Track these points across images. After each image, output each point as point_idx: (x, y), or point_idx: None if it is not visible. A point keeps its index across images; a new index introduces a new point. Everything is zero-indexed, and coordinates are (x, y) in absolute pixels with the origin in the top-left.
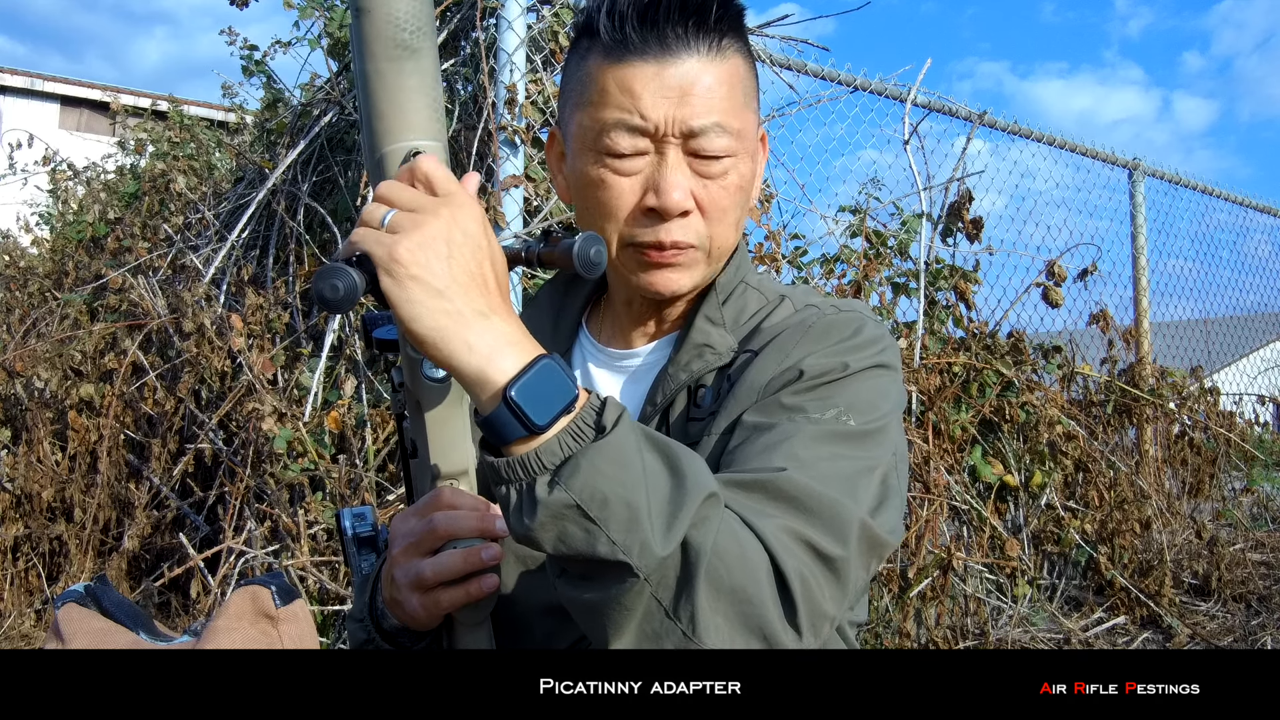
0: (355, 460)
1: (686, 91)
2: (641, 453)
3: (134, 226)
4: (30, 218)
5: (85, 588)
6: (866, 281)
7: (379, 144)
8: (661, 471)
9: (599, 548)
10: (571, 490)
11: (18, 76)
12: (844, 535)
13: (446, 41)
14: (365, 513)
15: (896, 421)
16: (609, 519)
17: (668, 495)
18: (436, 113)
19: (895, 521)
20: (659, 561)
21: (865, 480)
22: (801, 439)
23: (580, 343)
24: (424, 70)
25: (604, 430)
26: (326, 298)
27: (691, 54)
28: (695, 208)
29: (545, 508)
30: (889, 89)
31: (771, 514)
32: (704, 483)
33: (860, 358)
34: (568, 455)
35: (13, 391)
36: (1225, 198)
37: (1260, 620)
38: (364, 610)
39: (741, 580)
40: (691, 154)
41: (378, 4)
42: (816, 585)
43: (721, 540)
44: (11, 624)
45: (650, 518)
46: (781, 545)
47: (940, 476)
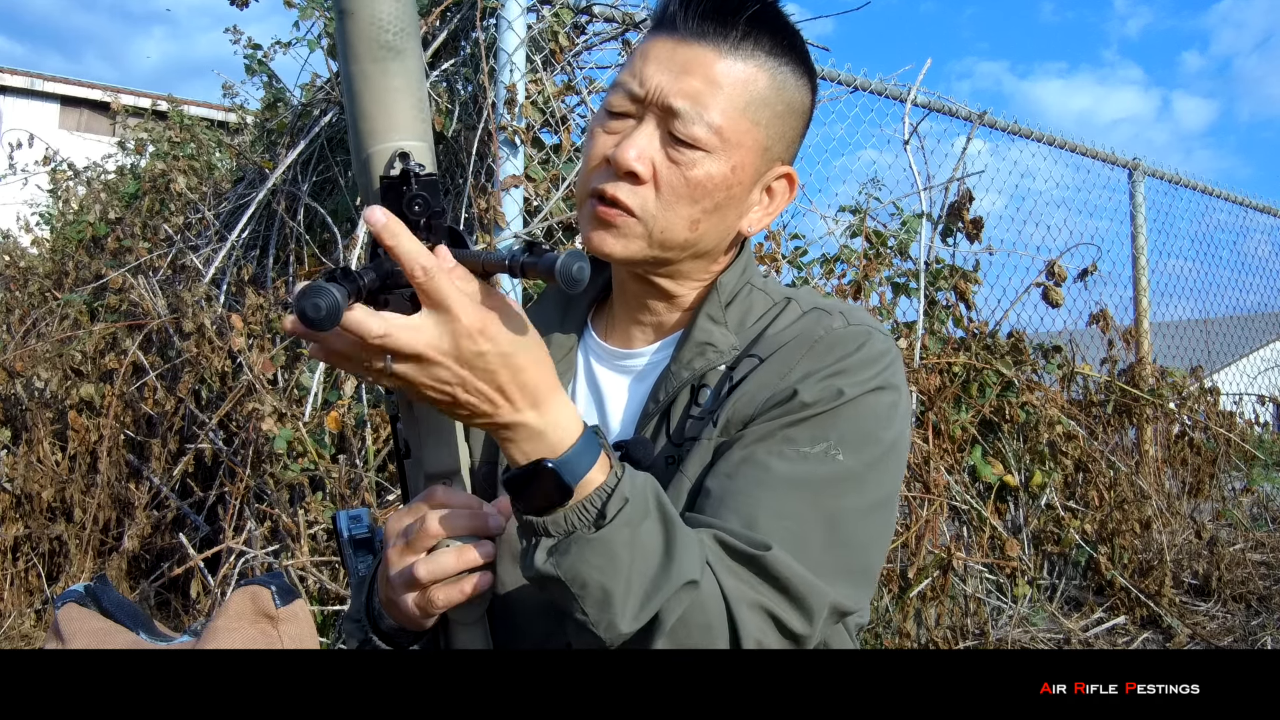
0: (355, 460)
1: (686, 71)
2: (633, 541)
3: (134, 226)
4: (30, 218)
5: (85, 588)
6: (866, 281)
7: (365, 144)
8: (656, 552)
9: (574, 613)
10: (560, 568)
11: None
12: (812, 616)
13: (446, 41)
14: (361, 514)
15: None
16: (585, 598)
17: (652, 577)
18: (422, 113)
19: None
20: (622, 635)
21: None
22: (789, 485)
23: (586, 341)
24: (408, 71)
25: (604, 519)
26: (309, 316)
27: (707, 43)
28: (650, 179)
29: (539, 571)
30: (889, 89)
31: (751, 585)
32: (687, 570)
33: (859, 380)
34: (570, 530)
35: (13, 391)
36: (1225, 198)
37: (1260, 620)
38: (361, 611)
39: (699, 644)
40: (668, 132)
41: (361, 6)
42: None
43: (690, 612)
44: (11, 624)
45: (626, 600)
46: (747, 615)
47: (940, 476)
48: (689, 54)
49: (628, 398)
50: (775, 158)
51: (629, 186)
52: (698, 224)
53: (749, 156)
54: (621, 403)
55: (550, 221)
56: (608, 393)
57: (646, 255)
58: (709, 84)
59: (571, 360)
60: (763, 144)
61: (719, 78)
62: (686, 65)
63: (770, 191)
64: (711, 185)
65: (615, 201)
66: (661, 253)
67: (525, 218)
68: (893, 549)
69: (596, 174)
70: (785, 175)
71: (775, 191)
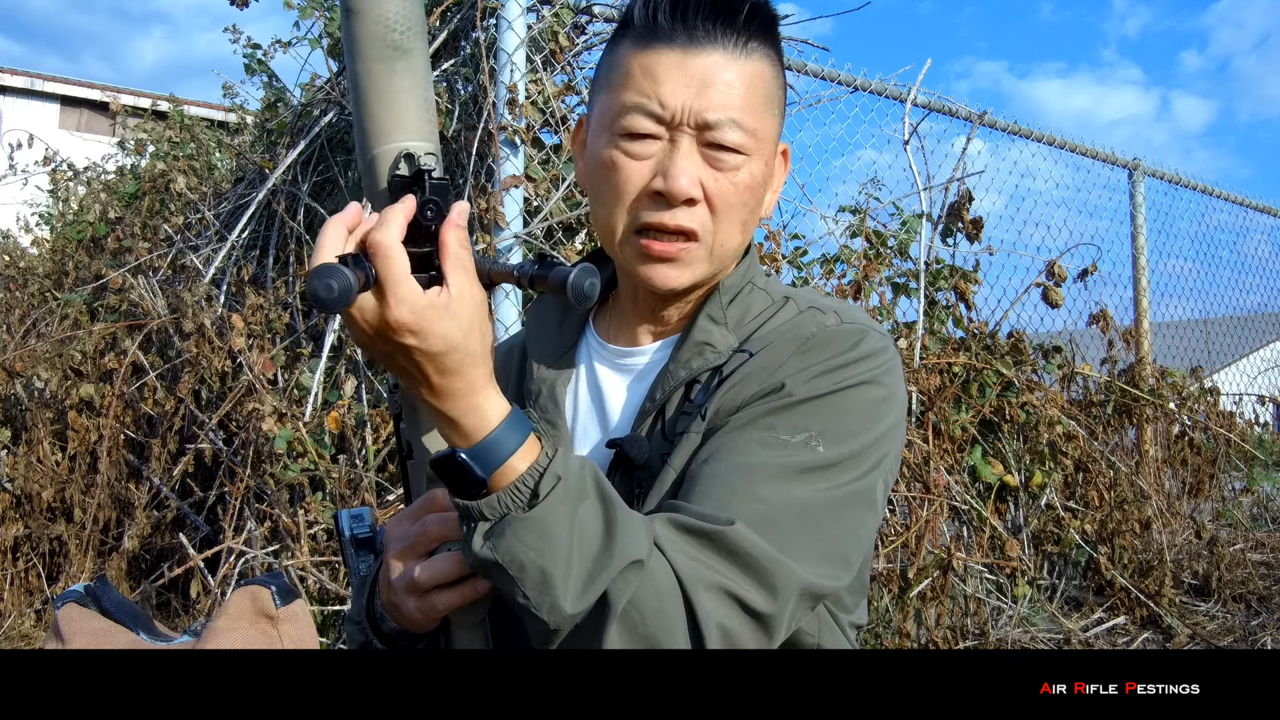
0: (355, 460)
1: (706, 83)
2: (572, 520)
3: (134, 226)
4: (30, 218)
5: (85, 588)
6: (866, 281)
7: (370, 145)
8: (596, 533)
9: (517, 598)
10: (497, 551)
11: (17, 76)
12: (776, 593)
13: (446, 41)
14: (363, 514)
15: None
16: (524, 580)
17: (594, 556)
18: (428, 113)
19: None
20: (568, 617)
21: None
22: (765, 471)
23: (586, 340)
24: (415, 71)
25: (536, 499)
26: (321, 297)
27: (716, 48)
28: (703, 199)
29: (477, 556)
30: (889, 89)
31: (708, 565)
32: (631, 550)
33: (847, 375)
34: (504, 513)
35: (13, 391)
36: (1225, 198)
37: (1260, 620)
38: (362, 613)
39: (655, 630)
40: (705, 145)
41: (368, 5)
42: (737, 635)
43: (640, 594)
44: (11, 624)
45: (567, 580)
46: (705, 598)
47: (940, 476)
48: (703, 63)
49: (627, 397)
50: (778, 130)
51: (687, 212)
52: (746, 225)
53: (770, 147)
54: (621, 402)
55: (550, 221)
56: (608, 392)
57: (707, 275)
58: (732, 90)
59: (571, 360)
60: (777, 131)
61: (738, 81)
62: (706, 76)
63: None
64: (756, 186)
65: (680, 231)
66: (720, 265)
67: (525, 218)
68: (892, 549)
69: (643, 208)
70: (781, 151)
71: (775, 169)
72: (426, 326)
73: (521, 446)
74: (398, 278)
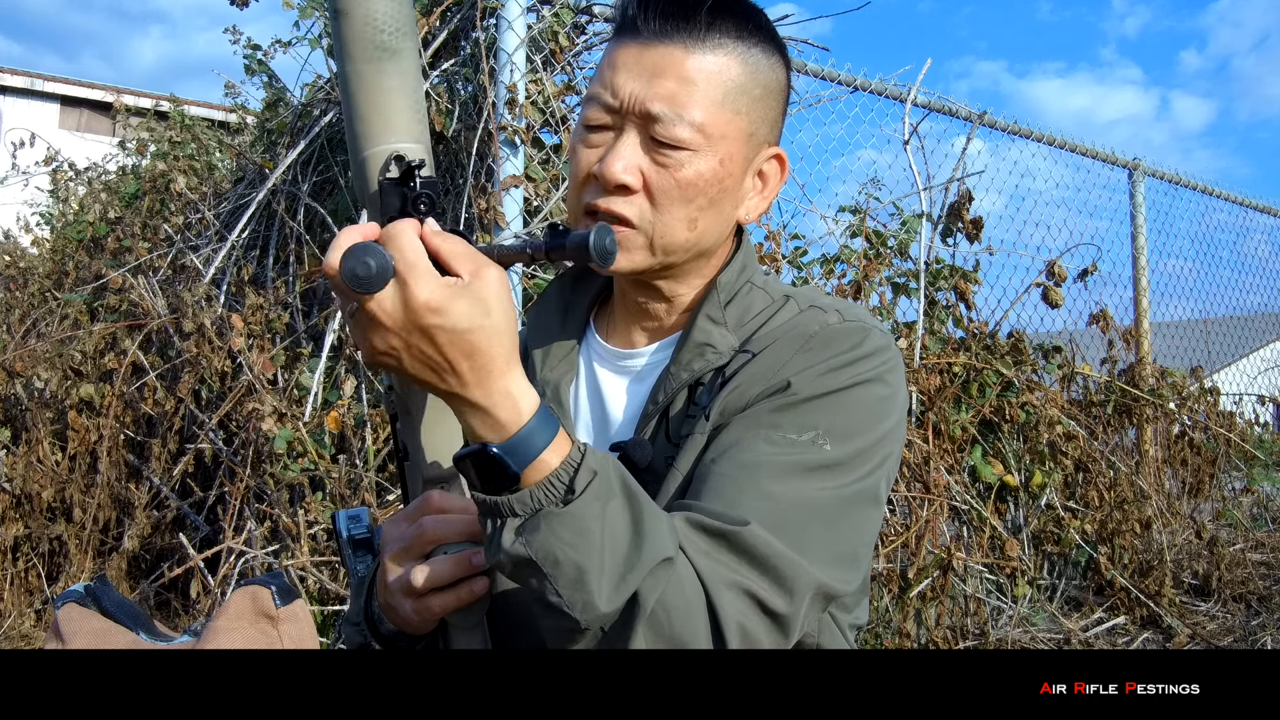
0: (355, 460)
1: (657, 75)
2: (604, 516)
3: (134, 226)
4: (31, 218)
5: (85, 588)
6: (866, 281)
7: (361, 146)
8: (625, 530)
9: (548, 596)
10: (530, 547)
11: (18, 76)
12: (793, 593)
13: (446, 41)
14: (361, 514)
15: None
16: (559, 576)
17: (624, 555)
18: (418, 114)
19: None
20: (601, 615)
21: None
22: (774, 470)
23: (588, 341)
24: (404, 71)
25: (573, 494)
26: (359, 275)
27: (674, 42)
28: (641, 188)
29: (507, 552)
30: (888, 89)
31: (727, 565)
32: (660, 548)
33: (852, 373)
34: (537, 508)
35: (13, 391)
36: (1225, 198)
37: (1260, 620)
38: (360, 615)
39: (680, 630)
40: (650, 137)
41: (356, 6)
42: (756, 635)
43: (668, 594)
44: (11, 624)
45: (600, 577)
46: (725, 598)
47: (940, 476)
48: (657, 56)
49: (627, 399)
50: (761, 141)
51: (622, 199)
52: (695, 222)
53: (736, 146)
54: (622, 404)
55: (550, 221)
56: (608, 394)
57: (651, 263)
58: (683, 83)
59: (573, 361)
60: (747, 131)
61: (692, 74)
62: (657, 68)
63: (762, 175)
64: (703, 183)
65: (611, 216)
66: (665, 258)
67: (525, 218)
68: (892, 549)
69: (586, 191)
70: (774, 156)
71: (767, 175)
72: (449, 304)
73: (553, 441)
74: (415, 260)
